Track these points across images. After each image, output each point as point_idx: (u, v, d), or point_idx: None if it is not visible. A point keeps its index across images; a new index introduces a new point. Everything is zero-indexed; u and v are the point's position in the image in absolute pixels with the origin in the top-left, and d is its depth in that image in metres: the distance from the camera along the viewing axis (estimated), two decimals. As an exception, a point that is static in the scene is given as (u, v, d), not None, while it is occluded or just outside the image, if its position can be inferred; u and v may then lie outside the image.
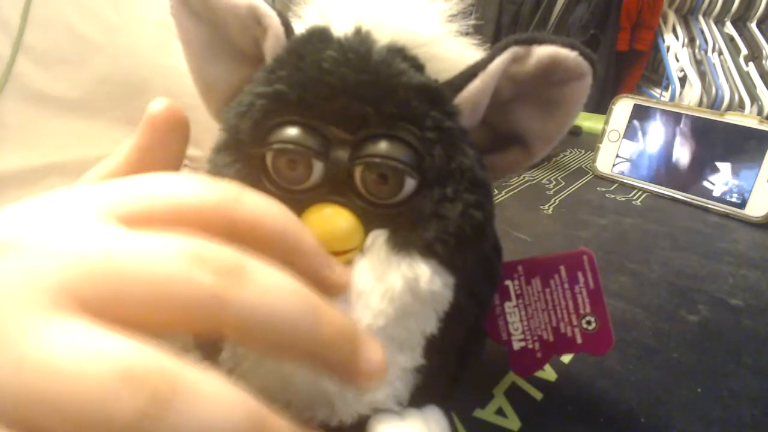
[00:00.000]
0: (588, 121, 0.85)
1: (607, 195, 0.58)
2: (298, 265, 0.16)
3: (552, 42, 0.19)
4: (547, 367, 0.30)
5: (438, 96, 0.19)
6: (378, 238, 0.19)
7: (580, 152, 0.73)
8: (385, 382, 0.18)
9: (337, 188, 0.19)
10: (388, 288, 0.18)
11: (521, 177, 0.62)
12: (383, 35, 0.20)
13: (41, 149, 0.39)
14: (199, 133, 0.22)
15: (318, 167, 0.19)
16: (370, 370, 0.16)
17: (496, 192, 0.57)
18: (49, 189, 0.39)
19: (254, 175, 0.19)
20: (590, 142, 0.66)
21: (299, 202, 0.19)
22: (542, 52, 0.19)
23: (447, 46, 0.21)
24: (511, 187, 0.59)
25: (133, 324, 0.12)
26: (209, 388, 0.12)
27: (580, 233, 0.48)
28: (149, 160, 0.19)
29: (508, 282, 0.25)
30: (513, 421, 0.26)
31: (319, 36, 0.20)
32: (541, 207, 0.54)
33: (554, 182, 0.61)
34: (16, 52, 0.36)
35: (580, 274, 0.24)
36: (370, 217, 0.19)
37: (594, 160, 0.64)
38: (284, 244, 0.16)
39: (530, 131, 0.22)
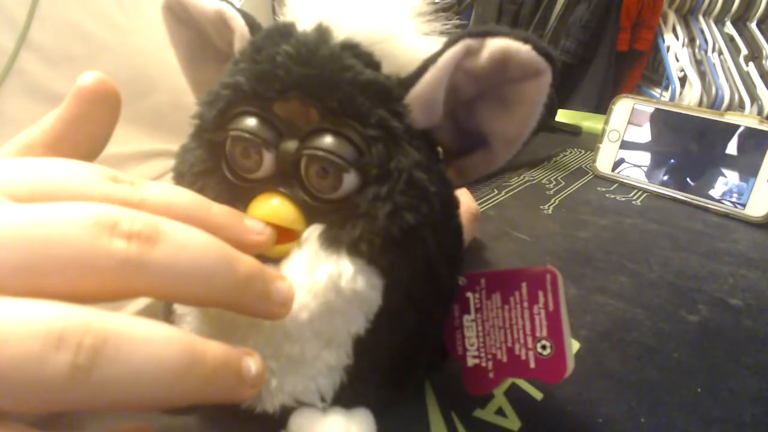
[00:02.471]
0: (588, 121, 0.85)
1: (607, 195, 0.58)
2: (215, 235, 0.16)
3: (505, 35, 0.19)
4: (547, 367, 0.29)
5: (386, 93, 0.19)
6: (313, 232, 0.19)
7: (580, 152, 0.73)
8: (292, 305, 0.18)
9: (285, 179, 0.20)
10: (313, 282, 0.19)
11: (521, 177, 0.62)
12: (343, 32, 0.20)
13: None
14: None
15: (268, 157, 0.19)
16: (281, 298, 0.18)
17: (496, 192, 0.57)
18: None
19: (214, 160, 0.20)
20: (590, 142, 0.66)
21: (251, 190, 0.20)
22: (494, 44, 0.19)
23: (405, 43, 0.21)
24: (511, 187, 0.59)
25: (52, 295, 0.12)
26: (138, 332, 0.13)
27: (580, 233, 0.48)
28: (73, 131, 0.19)
29: (469, 294, 0.24)
30: (513, 421, 0.26)
31: (280, 31, 0.20)
32: (541, 207, 0.54)
33: (554, 182, 0.61)
34: (19, 46, 0.36)
35: (540, 294, 0.22)
36: (312, 210, 0.20)
37: (594, 160, 0.64)
38: (195, 222, 0.16)
39: (491, 131, 0.22)
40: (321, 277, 0.19)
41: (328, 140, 0.19)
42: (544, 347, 0.22)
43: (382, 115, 0.19)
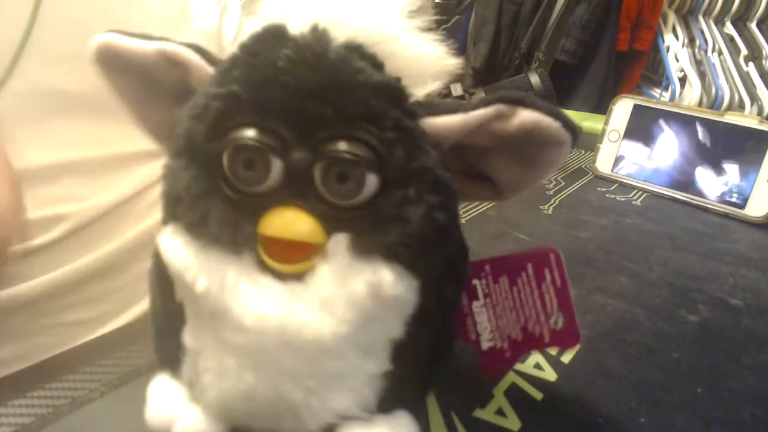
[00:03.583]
0: (588, 121, 0.85)
1: (607, 195, 0.58)
2: None
3: (538, 108, 0.19)
4: (547, 367, 0.30)
5: (397, 94, 0.19)
6: (340, 242, 0.18)
7: (580, 152, 0.73)
8: None
9: (296, 191, 0.18)
10: (351, 294, 0.18)
11: (521, 177, 0.62)
12: (340, 33, 0.19)
13: (54, 147, 0.39)
14: None
15: (276, 165, 0.18)
16: None
17: (496, 192, 0.57)
18: (63, 187, 0.40)
19: (212, 179, 0.19)
20: (590, 142, 0.66)
21: (258, 205, 0.18)
22: (526, 116, 0.19)
23: (406, 43, 0.21)
24: (511, 187, 0.59)
25: None
26: None
27: (580, 233, 0.48)
28: None
29: (475, 281, 0.25)
30: (513, 421, 0.26)
31: (274, 34, 0.19)
32: (541, 207, 0.54)
33: (554, 182, 0.61)
34: (23, 45, 0.36)
35: (547, 272, 0.24)
36: (331, 220, 0.18)
37: (594, 160, 0.64)
38: None
39: (503, 179, 0.23)
40: (359, 287, 0.18)
41: (343, 145, 0.18)
42: (556, 321, 0.24)
43: (397, 117, 0.18)
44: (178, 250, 0.18)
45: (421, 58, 0.21)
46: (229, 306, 0.18)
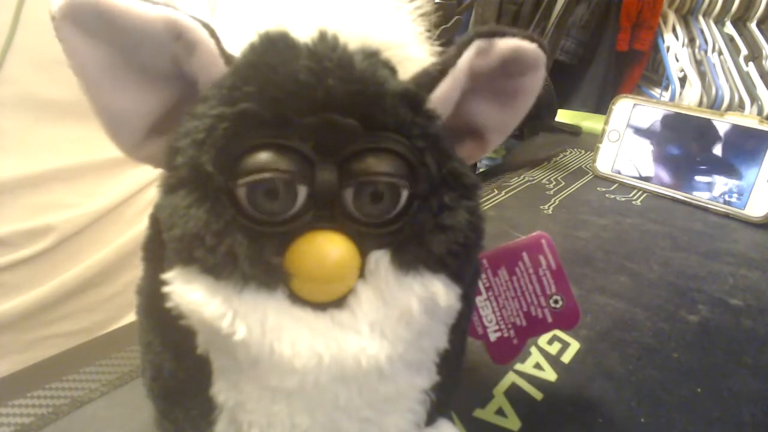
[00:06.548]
0: (588, 121, 0.85)
1: (607, 195, 0.58)
2: None
3: (513, 35, 0.19)
4: (547, 367, 0.30)
5: (418, 100, 0.18)
6: (380, 260, 0.17)
7: (580, 152, 0.73)
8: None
9: (323, 213, 0.17)
10: (403, 312, 0.17)
11: (521, 177, 0.62)
12: (348, 39, 0.18)
13: (40, 154, 0.38)
14: None
15: (302, 192, 0.17)
16: None
17: (496, 192, 0.57)
18: (50, 195, 0.39)
19: (231, 210, 0.17)
20: (590, 142, 0.67)
21: (282, 234, 0.17)
22: (504, 45, 0.19)
23: (416, 48, 0.20)
24: (511, 187, 0.59)
25: None
26: None
27: (580, 233, 0.48)
28: None
29: None
30: (513, 421, 0.26)
31: (284, 43, 0.17)
32: (541, 207, 0.54)
33: (554, 182, 0.61)
34: (5, 53, 0.36)
35: (541, 257, 0.25)
36: (364, 238, 0.18)
37: (594, 160, 0.64)
38: None
39: (485, 123, 0.22)
40: (412, 304, 0.17)
41: (374, 161, 0.17)
42: (556, 302, 0.25)
43: (423, 124, 0.18)
44: (204, 296, 0.16)
45: (422, 62, 0.21)
46: (275, 349, 0.16)
